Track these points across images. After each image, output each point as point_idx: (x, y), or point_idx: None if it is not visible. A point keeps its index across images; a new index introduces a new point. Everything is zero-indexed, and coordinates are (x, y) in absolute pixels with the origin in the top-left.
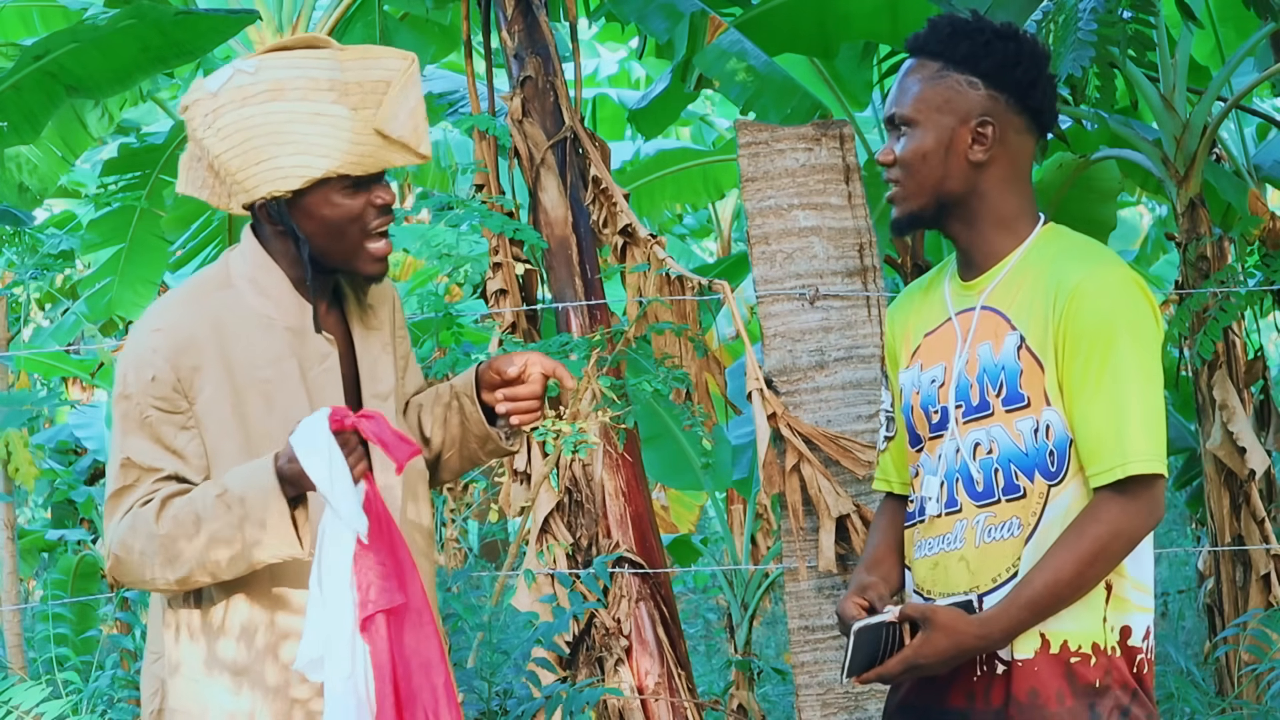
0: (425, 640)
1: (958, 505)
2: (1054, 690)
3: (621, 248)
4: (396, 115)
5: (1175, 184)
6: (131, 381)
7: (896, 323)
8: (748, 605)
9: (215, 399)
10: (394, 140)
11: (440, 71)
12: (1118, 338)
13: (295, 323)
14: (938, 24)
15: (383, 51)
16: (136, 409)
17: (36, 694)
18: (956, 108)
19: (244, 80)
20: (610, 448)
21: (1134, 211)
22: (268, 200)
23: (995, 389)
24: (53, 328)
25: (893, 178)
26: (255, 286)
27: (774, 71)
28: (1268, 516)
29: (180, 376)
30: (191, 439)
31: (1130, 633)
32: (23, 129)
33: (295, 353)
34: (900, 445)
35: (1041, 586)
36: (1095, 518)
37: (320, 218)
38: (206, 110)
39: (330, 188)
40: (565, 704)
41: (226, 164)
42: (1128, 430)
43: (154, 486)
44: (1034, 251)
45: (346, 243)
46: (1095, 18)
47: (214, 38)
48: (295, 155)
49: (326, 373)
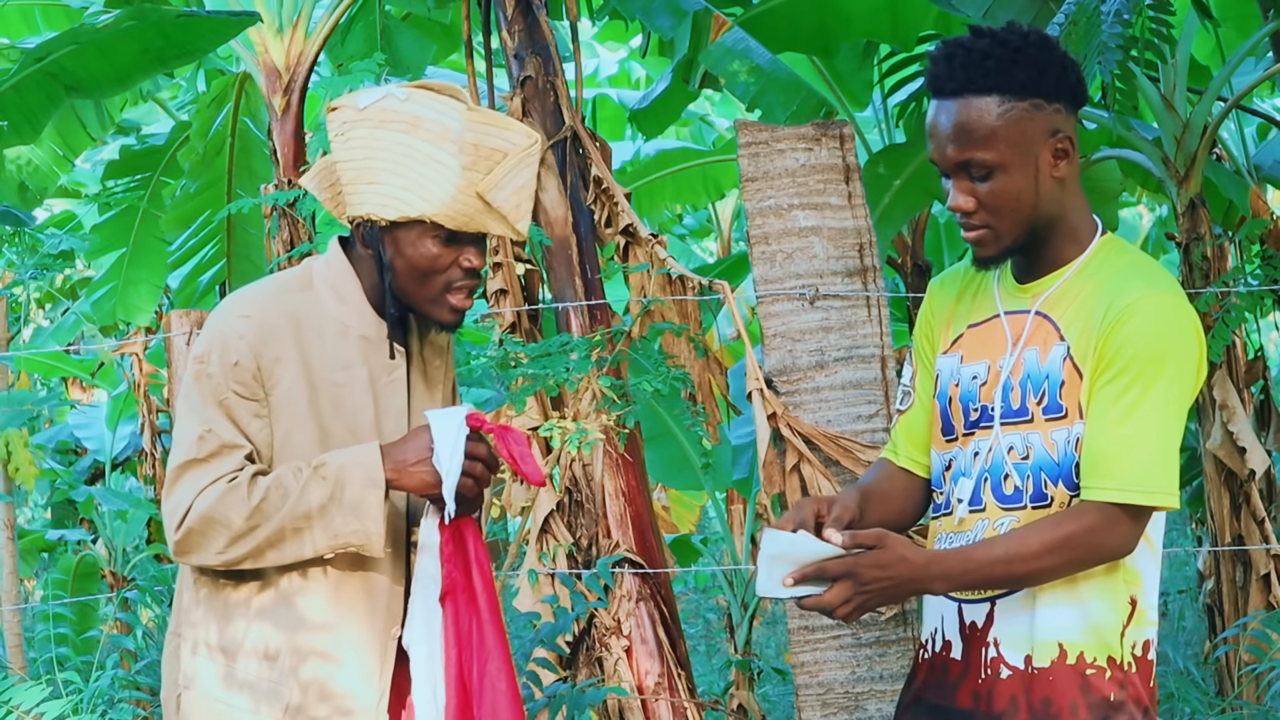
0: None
1: (982, 505)
2: (1068, 701)
3: (623, 247)
4: (502, 186)
5: (1175, 184)
6: (215, 361)
7: (939, 302)
8: (748, 605)
9: (291, 392)
10: (493, 208)
11: (441, 70)
12: (1157, 365)
13: (370, 332)
14: (963, 58)
15: (510, 123)
16: (216, 388)
17: (36, 694)
18: (1033, 137)
19: (393, 104)
20: (611, 448)
21: (1134, 211)
22: (365, 220)
23: (1037, 397)
24: (53, 328)
25: (980, 222)
26: (335, 294)
27: (779, 70)
28: (1268, 516)
29: (261, 365)
30: (263, 427)
31: (1149, 647)
32: (23, 129)
33: (367, 361)
34: (913, 420)
35: (1001, 553)
36: (1077, 519)
37: (407, 255)
38: (346, 119)
39: (425, 231)
40: (566, 704)
41: (345, 172)
42: (1137, 457)
43: (240, 463)
44: (1094, 262)
45: (427, 288)
46: (1118, 20)
47: (214, 39)
48: (402, 190)
49: (393, 384)
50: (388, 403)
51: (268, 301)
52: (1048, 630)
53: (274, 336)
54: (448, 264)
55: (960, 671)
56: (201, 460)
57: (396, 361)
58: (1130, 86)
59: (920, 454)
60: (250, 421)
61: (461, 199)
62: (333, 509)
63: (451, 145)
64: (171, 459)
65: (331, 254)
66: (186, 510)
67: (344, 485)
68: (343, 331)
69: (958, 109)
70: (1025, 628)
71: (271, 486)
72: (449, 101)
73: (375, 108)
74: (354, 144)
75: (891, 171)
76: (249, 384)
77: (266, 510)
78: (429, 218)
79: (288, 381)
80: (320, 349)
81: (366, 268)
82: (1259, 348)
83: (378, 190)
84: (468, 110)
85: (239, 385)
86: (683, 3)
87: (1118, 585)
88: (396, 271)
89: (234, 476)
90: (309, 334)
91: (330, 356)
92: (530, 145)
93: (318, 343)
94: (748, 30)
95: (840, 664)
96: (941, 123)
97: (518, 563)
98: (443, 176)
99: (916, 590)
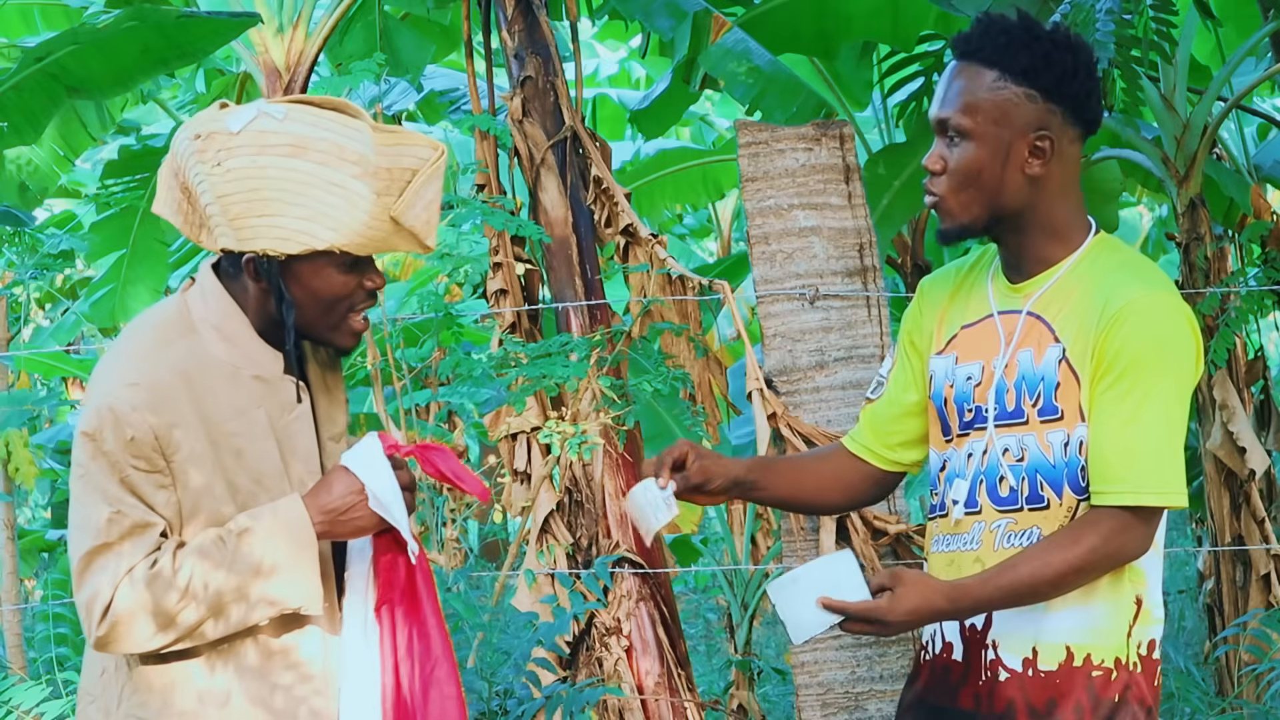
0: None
1: (978, 507)
2: (1073, 703)
3: (623, 247)
4: (413, 206)
5: (1175, 184)
6: (109, 439)
7: (930, 301)
8: (748, 605)
9: (193, 454)
10: (404, 228)
11: (441, 70)
12: (1157, 366)
13: (264, 371)
14: (991, 29)
15: (415, 138)
16: (116, 465)
17: (36, 694)
18: (1014, 121)
19: (269, 125)
20: (611, 448)
21: (1134, 211)
22: (259, 256)
23: (1032, 398)
24: (53, 328)
25: (939, 189)
26: (220, 334)
27: (778, 70)
28: (1268, 516)
29: (159, 435)
30: (169, 498)
31: (1154, 646)
32: (23, 129)
33: (262, 402)
34: (878, 410)
35: (1027, 576)
36: (1094, 529)
37: (310, 288)
38: (220, 146)
39: (327, 261)
40: (565, 704)
41: (229, 207)
42: (1146, 458)
43: (156, 541)
44: (1086, 262)
45: (331, 317)
46: (1113, 18)
47: (215, 40)
48: (303, 220)
49: (297, 420)
50: (293, 443)
51: (153, 362)
52: (1054, 633)
53: (166, 401)
54: (351, 290)
55: (961, 673)
56: (113, 544)
57: (300, 397)
58: (1133, 86)
59: (878, 444)
60: (155, 494)
61: (373, 225)
62: (266, 577)
63: (353, 167)
64: (75, 545)
65: (207, 286)
66: (108, 603)
67: (272, 552)
68: (233, 375)
69: (959, 70)
70: (1029, 630)
71: (196, 563)
72: (338, 118)
73: (250, 131)
74: (235, 175)
75: (891, 171)
76: (149, 456)
77: (195, 590)
78: (337, 246)
79: (188, 444)
80: (214, 400)
81: (253, 299)
82: (1259, 348)
83: (273, 223)
84: (373, 130)
85: (138, 460)
86: (682, 3)
87: (1123, 586)
88: (299, 305)
89: (154, 560)
90: (200, 387)
91: (224, 405)
92: (437, 157)
93: (210, 394)
94: (748, 31)
95: (840, 664)
96: (944, 80)
97: (517, 563)
98: (350, 203)
99: (947, 619)
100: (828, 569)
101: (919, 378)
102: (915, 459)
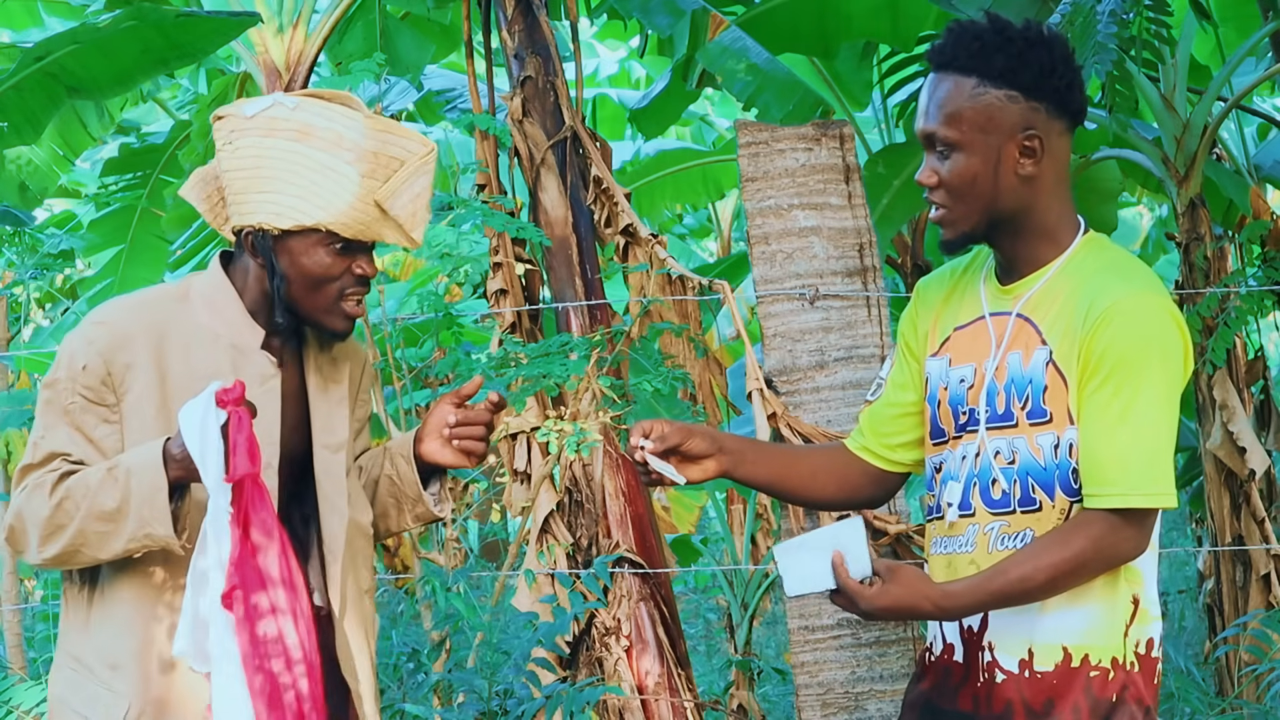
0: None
1: (971, 509)
2: (1070, 703)
3: (623, 247)
4: (399, 195)
5: (1175, 184)
6: (63, 367)
7: (926, 302)
8: (748, 605)
9: (142, 400)
10: (390, 217)
11: (440, 70)
12: (1144, 366)
13: (242, 341)
14: (962, 36)
15: (408, 132)
16: (61, 395)
17: (36, 694)
18: (1001, 125)
19: (280, 113)
20: (611, 448)
21: (1134, 211)
22: (256, 230)
23: (1021, 401)
24: (53, 328)
25: (939, 200)
26: (208, 304)
27: (776, 69)
28: (1268, 516)
29: (112, 371)
30: (111, 433)
31: (1152, 645)
32: (24, 129)
33: (236, 369)
34: (877, 411)
35: (1016, 580)
36: (1084, 532)
37: (300, 265)
38: (234, 127)
39: (318, 240)
40: (565, 704)
41: (232, 182)
42: (1136, 460)
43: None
44: (1073, 263)
45: (320, 297)
46: (1114, 20)
47: (215, 40)
48: (296, 198)
49: (266, 394)
50: (259, 413)
51: (128, 311)
52: (1049, 634)
53: (127, 343)
54: (340, 272)
55: (961, 675)
56: (35, 466)
57: (270, 372)
58: (1129, 87)
59: (877, 444)
60: (97, 427)
61: (359, 207)
62: (127, 511)
63: (347, 154)
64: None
65: (211, 268)
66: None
67: (132, 488)
68: (211, 340)
69: (938, 83)
70: (1024, 632)
71: (74, 486)
72: (342, 110)
73: (263, 116)
74: (242, 153)
75: (891, 171)
76: (96, 389)
77: (68, 509)
78: (325, 226)
79: (139, 388)
80: (183, 360)
81: (251, 279)
82: (1259, 348)
83: (269, 199)
84: (366, 118)
85: (86, 390)
86: (680, 1)
87: (1119, 586)
88: (289, 281)
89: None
90: (172, 344)
91: (194, 365)
92: (427, 153)
93: (180, 353)
94: (748, 30)
95: (840, 664)
96: (924, 94)
97: (517, 563)
98: (339, 185)
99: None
100: (836, 536)
101: (916, 379)
102: (916, 458)
